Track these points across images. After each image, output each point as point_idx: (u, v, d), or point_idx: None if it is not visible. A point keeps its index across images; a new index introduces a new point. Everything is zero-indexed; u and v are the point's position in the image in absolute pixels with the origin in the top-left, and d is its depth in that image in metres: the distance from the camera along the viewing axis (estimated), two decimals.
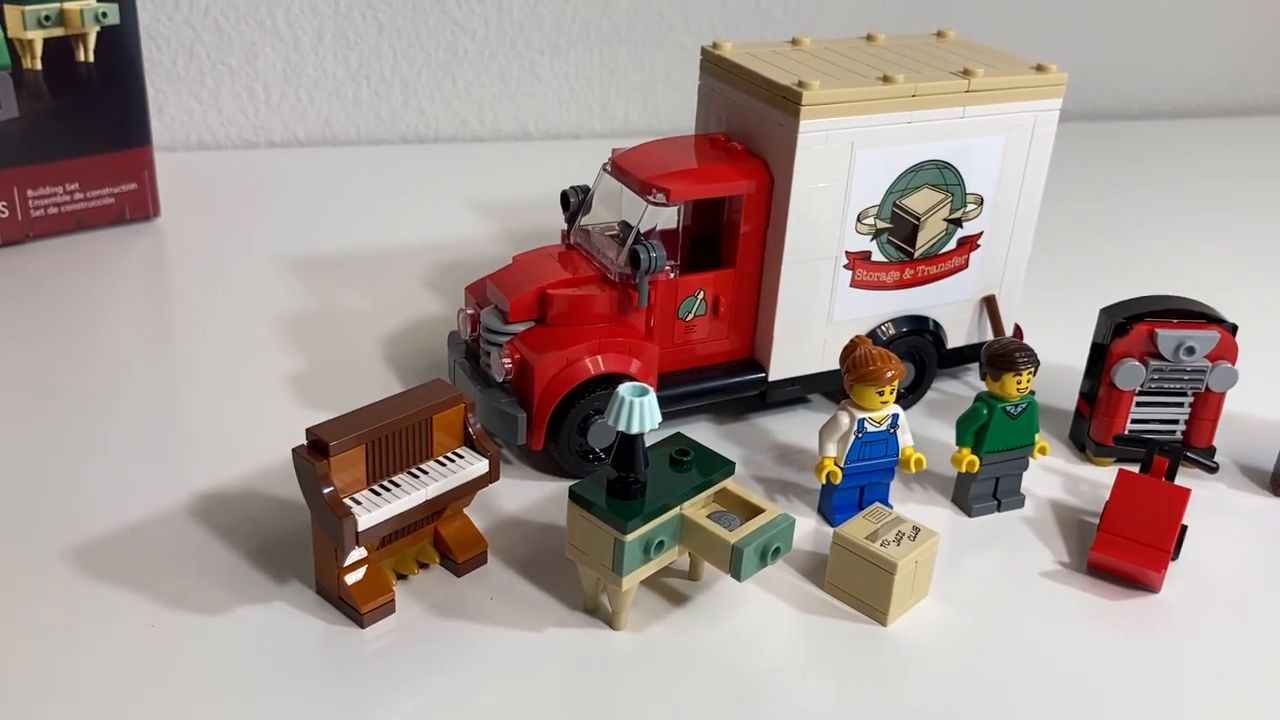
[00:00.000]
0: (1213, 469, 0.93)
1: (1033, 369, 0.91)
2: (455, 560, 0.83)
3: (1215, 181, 1.75)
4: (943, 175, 1.00)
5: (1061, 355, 1.13)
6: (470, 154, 1.69)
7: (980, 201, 1.03)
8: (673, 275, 0.96)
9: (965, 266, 1.06)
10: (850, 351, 0.89)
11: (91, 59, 1.26)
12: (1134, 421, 1.01)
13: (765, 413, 1.06)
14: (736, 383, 1.01)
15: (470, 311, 0.99)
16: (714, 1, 1.74)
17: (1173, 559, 0.90)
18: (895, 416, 0.90)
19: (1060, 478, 1.00)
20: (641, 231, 0.94)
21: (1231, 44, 2.02)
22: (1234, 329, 0.99)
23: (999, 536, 0.92)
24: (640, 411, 0.74)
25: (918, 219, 1.01)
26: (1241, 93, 2.07)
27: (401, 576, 0.83)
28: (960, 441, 0.93)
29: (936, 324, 1.06)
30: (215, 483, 0.92)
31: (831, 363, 1.03)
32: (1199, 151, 1.88)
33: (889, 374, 0.87)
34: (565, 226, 1.03)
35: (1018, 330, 1.13)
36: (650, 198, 0.93)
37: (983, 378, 0.92)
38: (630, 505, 0.76)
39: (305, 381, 1.07)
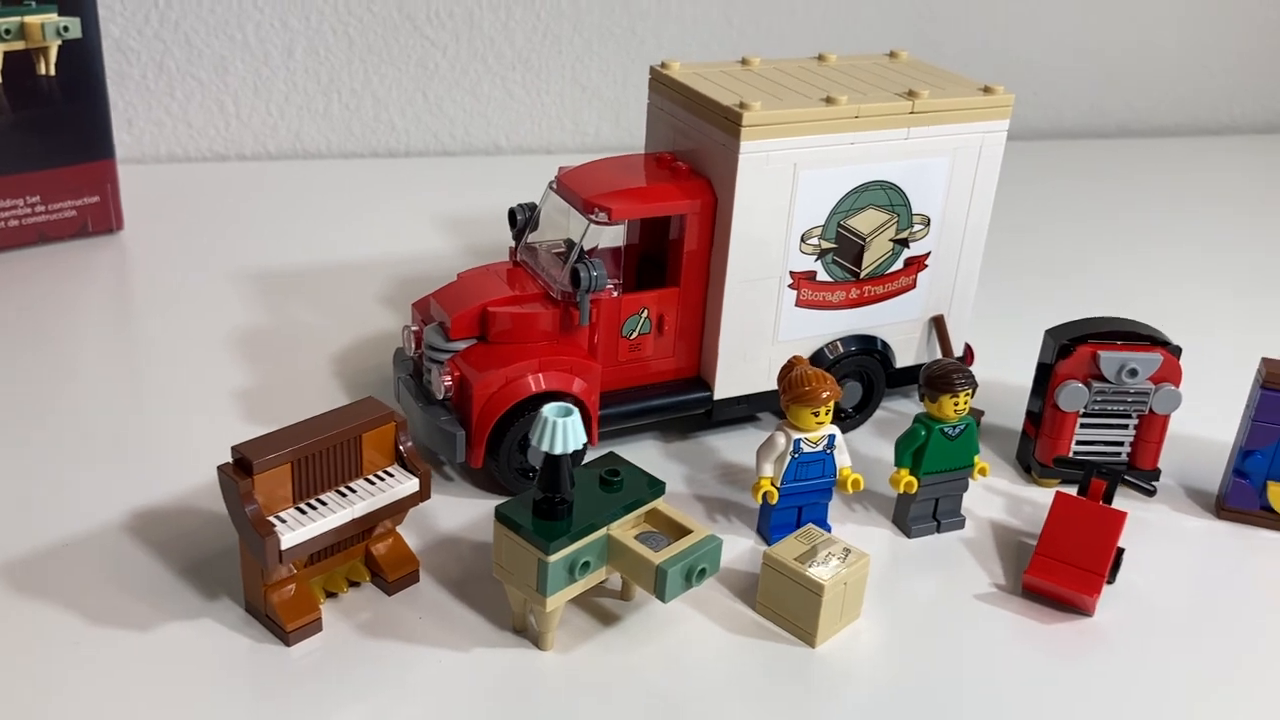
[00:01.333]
0: (1150, 491, 0.93)
1: (970, 391, 0.91)
2: (386, 579, 0.83)
3: (1173, 202, 1.75)
4: (888, 196, 1.00)
5: (1012, 376, 1.13)
6: (441, 168, 1.70)
7: (927, 222, 1.03)
8: (615, 294, 0.96)
9: (913, 287, 1.06)
10: (787, 372, 0.89)
11: (53, 72, 1.26)
12: (1079, 443, 1.01)
13: (712, 431, 1.06)
14: (682, 401, 1.01)
15: (415, 328, 0.99)
16: (686, 19, 1.75)
17: (1109, 582, 0.90)
18: (832, 437, 0.90)
19: (1003, 499, 1.00)
20: (585, 250, 0.95)
21: (1190, 66, 2.03)
22: (1178, 351, 0.99)
23: (936, 558, 0.92)
24: (564, 432, 0.74)
25: (863, 239, 1.01)
26: (1200, 114, 2.07)
27: (331, 594, 0.83)
28: (899, 462, 0.93)
29: (884, 344, 1.06)
30: (153, 498, 0.92)
31: (774, 381, 1.03)
32: (1162, 171, 1.88)
33: (824, 395, 0.87)
34: (512, 244, 1.04)
35: (968, 350, 1.13)
36: (592, 216, 0.94)
37: (921, 399, 0.92)
38: (555, 525, 0.76)
39: (252, 396, 1.07)
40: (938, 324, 1.09)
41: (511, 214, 1.03)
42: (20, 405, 1.04)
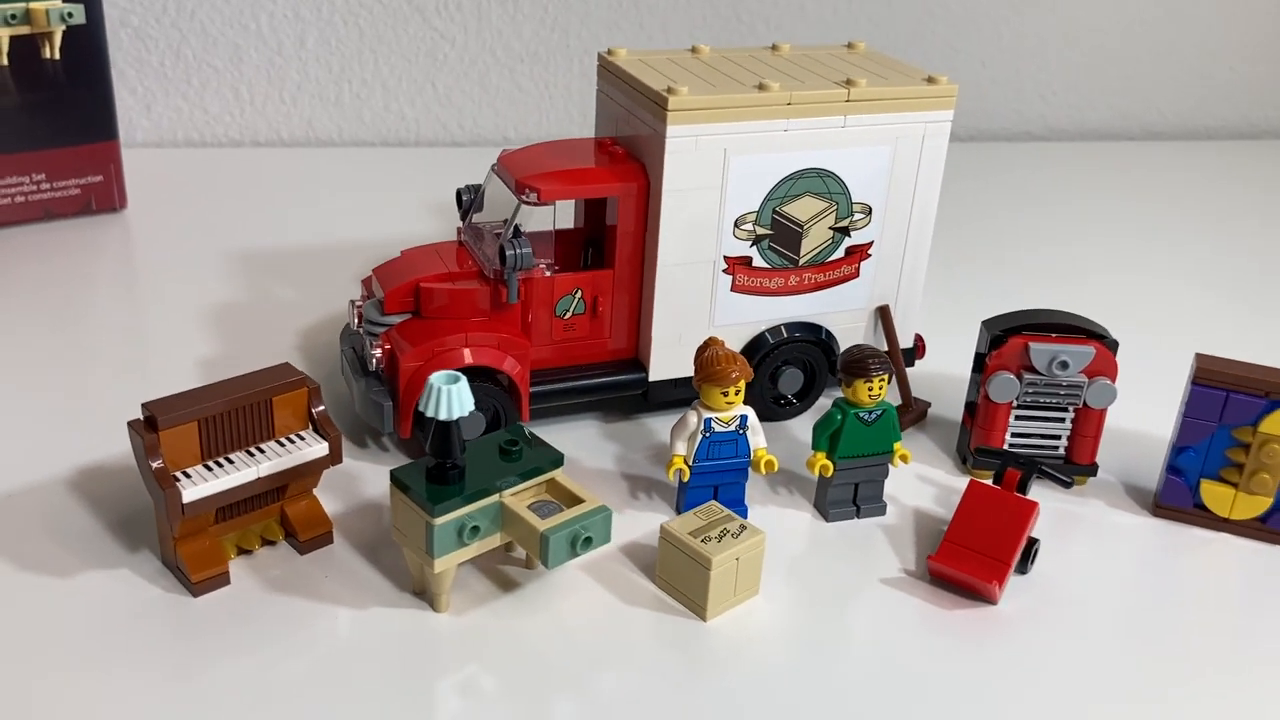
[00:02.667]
0: (1067, 484, 0.92)
1: (885, 376, 0.91)
2: (298, 538, 0.86)
3: (1149, 203, 1.72)
4: (825, 184, 1.01)
5: (963, 367, 1.13)
6: (449, 158, 1.73)
7: (868, 211, 1.04)
8: (548, 274, 0.98)
9: (856, 275, 1.06)
10: (702, 352, 0.90)
11: (57, 56, 1.33)
12: (1015, 435, 1.00)
13: (652, 414, 1.08)
14: (617, 381, 1.03)
15: (359, 303, 1.02)
16: (694, 13, 1.76)
17: (1021, 572, 0.90)
18: (744, 418, 0.91)
19: (935, 488, 1.00)
20: (519, 229, 0.97)
21: (1214, 67, 1.98)
22: (1114, 345, 0.98)
23: (851, 542, 0.93)
24: (451, 399, 0.76)
25: (801, 226, 1.02)
26: (1185, 116, 2.03)
27: (246, 551, 0.86)
28: (815, 446, 0.93)
29: (828, 332, 1.07)
30: (99, 456, 0.96)
31: None
32: (1138, 172, 1.85)
33: (733, 375, 0.88)
34: (459, 223, 1.06)
35: (919, 341, 1.13)
36: (523, 196, 0.96)
37: (839, 384, 0.93)
38: (443, 490, 0.78)
39: (214, 366, 1.11)
40: (883, 314, 1.09)
41: (458, 194, 1.05)
42: (3, 364, 1.10)
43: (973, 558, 0.87)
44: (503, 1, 1.70)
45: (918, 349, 1.13)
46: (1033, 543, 0.90)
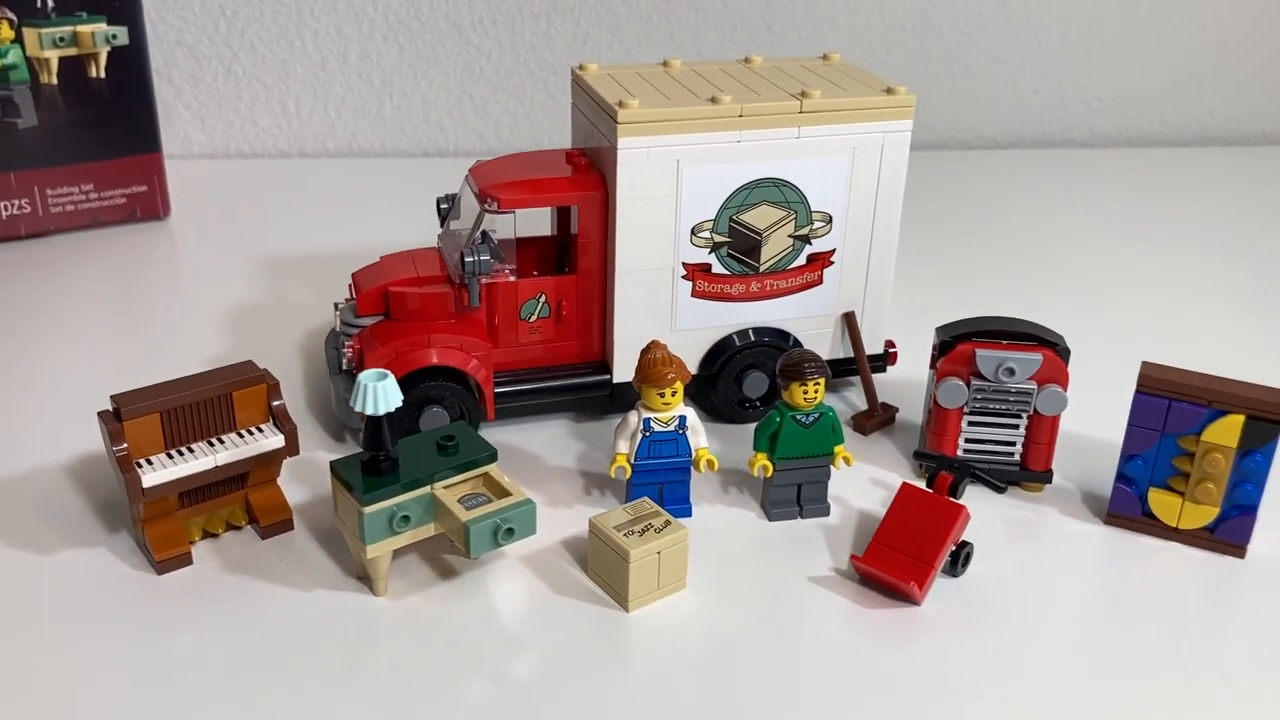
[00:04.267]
0: (1000, 489, 0.93)
1: (821, 380, 0.93)
2: (259, 524, 0.93)
3: (1199, 210, 1.69)
4: (782, 193, 1.04)
5: None
6: None
7: (829, 219, 1.06)
8: (512, 278, 1.03)
9: (819, 282, 1.08)
10: (643, 354, 0.94)
11: (103, 75, 1.43)
12: (968, 441, 1.01)
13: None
14: (583, 383, 1.07)
15: (343, 305, 1.09)
16: (724, 25, 1.80)
17: (953, 575, 0.91)
18: (683, 418, 0.95)
19: (888, 492, 1.01)
20: (489, 235, 1.02)
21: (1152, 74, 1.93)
22: (1065, 353, 0.99)
23: (789, 541, 0.95)
24: (379, 395, 0.82)
25: (759, 234, 1.05)
26: (1240, 121, 1.97)
27: (211, 535, 0.93)
28: (756, 446, 0.96)
29: (795, 339, 1.09)
30: (98, 444, 1.05)
31: None
32: (1189, 179, 1.81)
33: (669, 376, 0.92)
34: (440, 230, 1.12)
35: (890, 346, 1.14)
36: (485, 205, 1.01)
37: (779, 386, 0.96)
38: (375, 480, 0.84)
39: (220, 362, 1.19)
40: (849, 320, 1.11)
41: (438, 203, 1.11)
42: (38, 361, 1.19)
43: (898, 559, 0.89)
44: (535, 16, 1.76)
45: (889, 356, 1.14)
46: (964, 546, 0.91)
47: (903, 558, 0.89)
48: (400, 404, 0.83)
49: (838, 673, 0.82)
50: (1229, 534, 0.94)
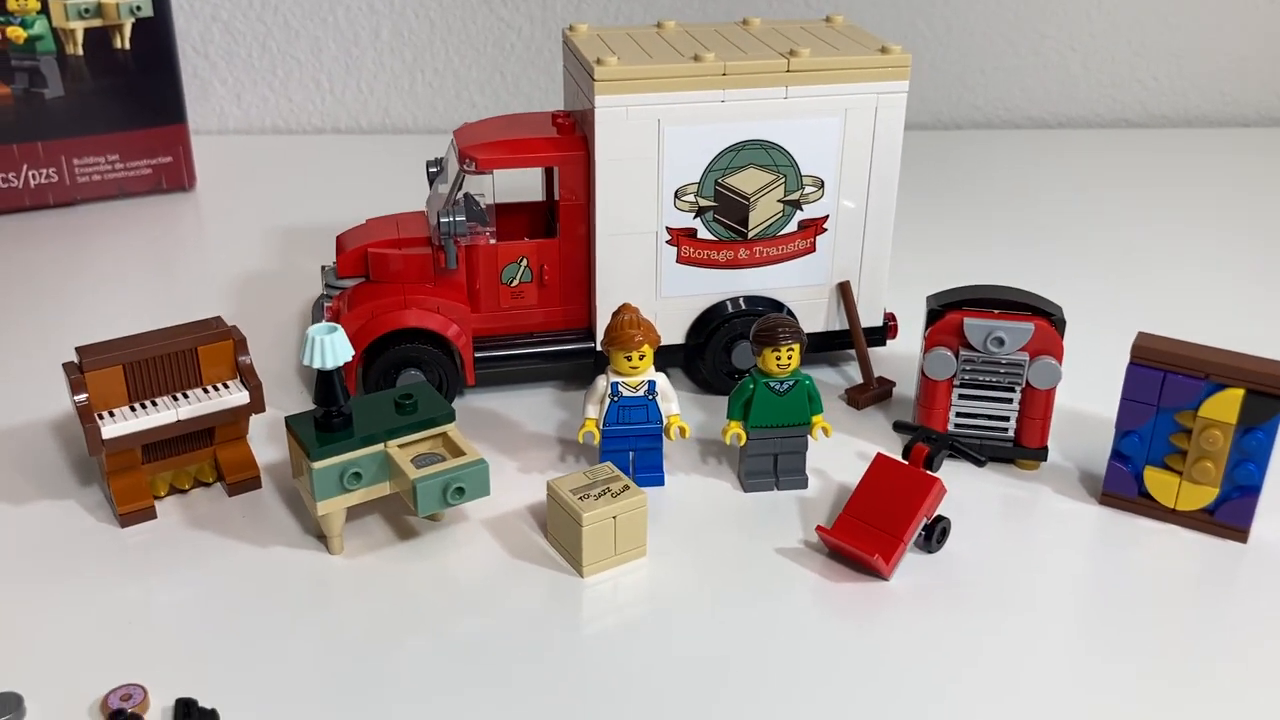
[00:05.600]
0: (980, 462, 0.89)
1: (795, 346, 0.90)
2: (226, 481, 0.93)
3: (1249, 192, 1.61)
4: (770, 155, 1.00)
5: None
6: None
7: (820, 184, 1.02)
8: (491, 241, 1.02)
9: (812, 250, 1.05)
10: (613, 316, 0.92)
11: (128, 46, 1.45)
12: (959, 415, 0.97)
13: None
14: (566, 350, 1.05)
15: (328, 268, 1.08)
16: None
17: (928, 551, 0.87)
18: (652, 384, 0.92)
19: None
20: (473, 197, 1.01)
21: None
22: (1060, 324, 0.94)
23: (761, 512, 0.92)
24: (328, 348, 0.81)
25: (746, 199, 1.02)
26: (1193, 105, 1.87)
27: (179, 490, 0.93)
28: (729, 414, 0.93)
29: (788, 309, 1.06)
30: None
31: (664, 336, 1.05)
32: (1138, 161, 1.72)
33: (636, 339, 0.90)
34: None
35: (890, 319, 1.10)
36: (464, 166, 1.00)
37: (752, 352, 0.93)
38: (326, 436, 0.83)
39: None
40: (844, 290, 1.07)
41: (428, 166, 1.10)
42: (60, 322, 1.21)
43: (866, 531, 0.85)
44: None
45: (889, 328, 1.10)
46: (939, 521, 0.87)
47: (871, 530, 0.85)
48: (350, 358, 0.82)
49: (794, 646, 0.79)
50: (1230, 516, 0.88)
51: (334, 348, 0.81)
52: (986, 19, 1.80)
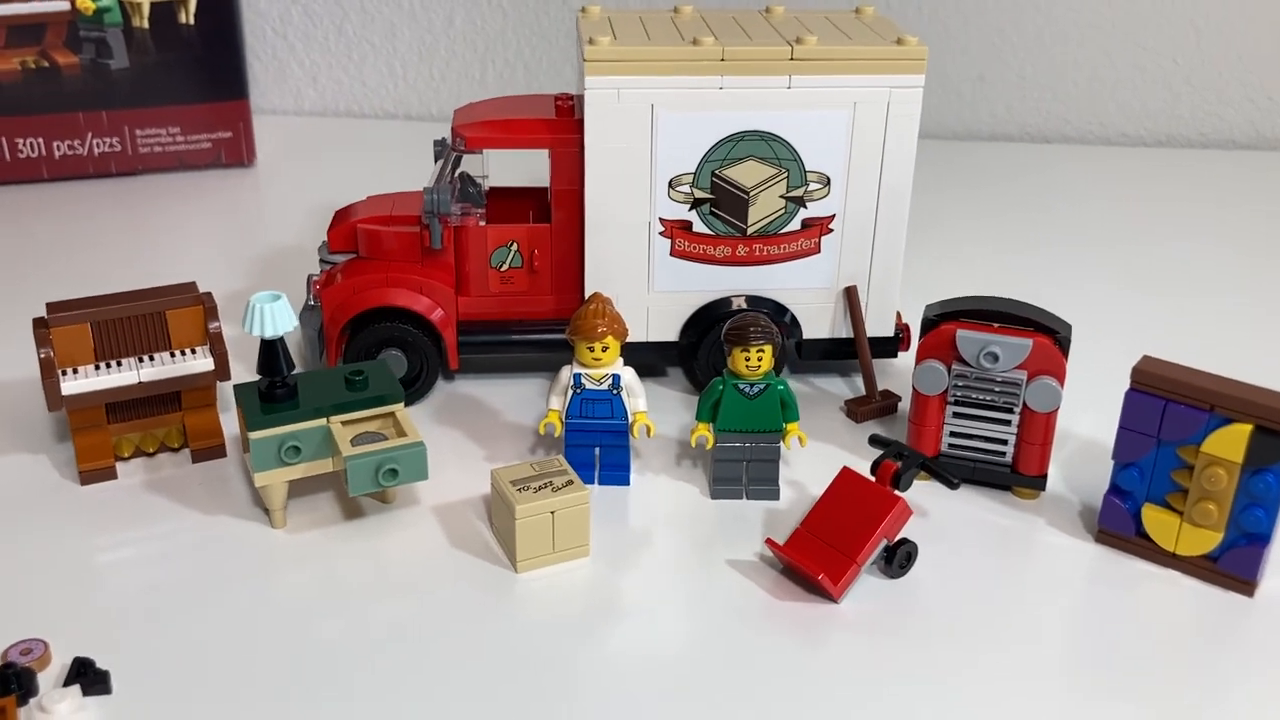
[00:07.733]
0: (952, 485, 0.82)
1: (767, 348, 0.85)
2: (190, 447, 0.92)
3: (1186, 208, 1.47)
4: (771, 148, 0.95)
5: None
6: None
7: (826, 181, 0.97)
8: (481, 224, 0.99)
9: (816, 250, 0.99)
10: (583, 304, 0.88)
11: (192, 21, 1.48)
12: (953, 435, 0.90)
13: None
14: (554, 340, 1.02)
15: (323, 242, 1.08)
16: None
17: (890, 576, 0.81)
18: (617, 378, 0.88)
19: None
20: (471, 177, 0.99)
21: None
22: (1064, 342, 0.86)
23: (723, 521, 0.87)
24: (268, 316, 0.79)
25: (746, 193, 0.97)
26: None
27: (145, 453, 0.93)
28: (697, 415, 0.89)
29: (792, 315, 1.01)
30: None
31: (656, 332, 1.01)
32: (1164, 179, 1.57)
33: (599, 330, 0.86)
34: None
35: (903, 328, 1.04)
36: (454, 143, 0.97)
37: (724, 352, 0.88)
38: (267, 407, 0.81)
39: (236, 298, 1.20)
40: (850, 296, 1.01)
41: (435, 145, 1.08)
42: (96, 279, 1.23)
43: (819, 548, 0.80)
44: None
45: (902, 338, 1.04)
46: (903, 544, 0.81)
47: (825, 548, 0.80)
48: (292, 327, 0.80)
49: (723, 660, 0.74)
50: (1234, 566, 0.80)
51: (274, 316, 0.79)
52: (1078, 25, 1.69)
